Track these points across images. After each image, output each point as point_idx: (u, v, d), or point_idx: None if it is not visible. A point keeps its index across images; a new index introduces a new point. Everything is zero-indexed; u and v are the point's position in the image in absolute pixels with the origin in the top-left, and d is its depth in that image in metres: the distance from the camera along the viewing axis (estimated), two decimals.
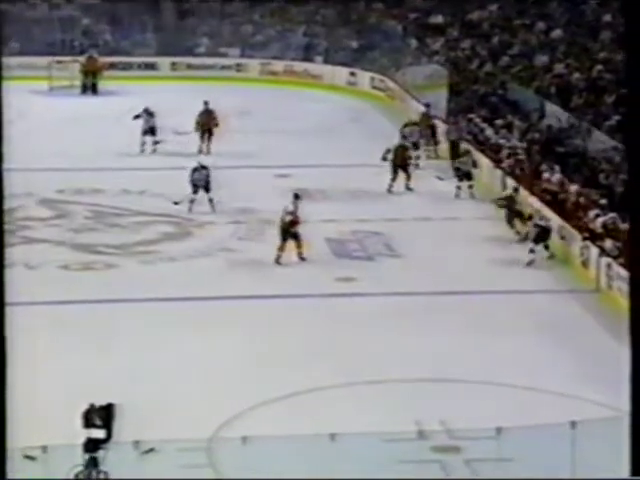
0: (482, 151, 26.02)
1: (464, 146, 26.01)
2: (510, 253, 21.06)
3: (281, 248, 20.37)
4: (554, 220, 21.16)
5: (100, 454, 13.06)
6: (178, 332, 17.44)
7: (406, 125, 26.99)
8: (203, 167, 22.88)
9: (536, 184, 23.12)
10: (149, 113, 26.81)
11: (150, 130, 26.80)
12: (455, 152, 26.33)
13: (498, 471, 13.28)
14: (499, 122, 27.69)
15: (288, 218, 20.56)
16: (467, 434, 14.08)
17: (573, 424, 12.50)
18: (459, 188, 24.17)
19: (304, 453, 14.02)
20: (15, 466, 13.07)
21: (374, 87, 35.65)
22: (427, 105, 28.87)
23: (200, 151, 26.90)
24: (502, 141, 26.32)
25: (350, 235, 22.26)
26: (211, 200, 22.87)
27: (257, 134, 29.47)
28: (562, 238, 20.74)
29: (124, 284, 19.71)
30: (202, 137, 27.27)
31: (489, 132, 27.21)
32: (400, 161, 24.65)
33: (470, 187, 24.17)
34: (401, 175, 24.60)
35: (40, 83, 34.65)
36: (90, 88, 34.89)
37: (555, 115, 27.26)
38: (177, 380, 15.85)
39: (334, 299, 19.11)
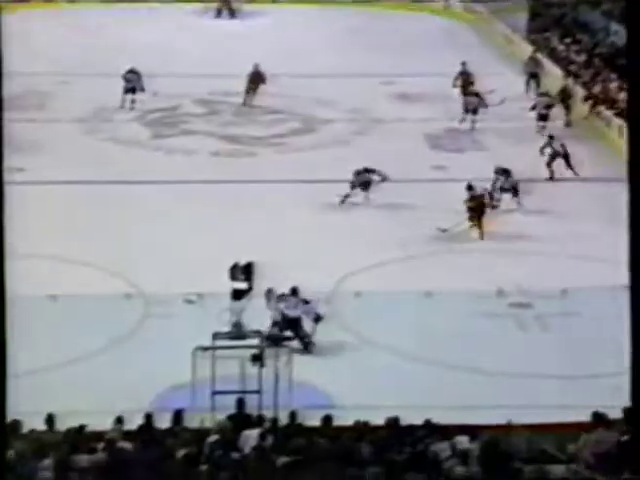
0: (556, 62, 25.34)
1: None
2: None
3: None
4: None
5: (243, 302, 13.31)
6: (305, 207, 17.49)
7: (466, 94, 22.75)
8: (367, 170, 17.92)
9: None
10: (135, 73, 23.19)
11: (132, 89, 23.10)
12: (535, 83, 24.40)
13: (562, 324, 13.20)
14: (570, 39, 26.93)
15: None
16: (538, 293, 14.00)
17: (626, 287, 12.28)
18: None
19: (405, 306, 14.11)
20: (178, 309, 13.40)
21: (466, 10, 34.83)
22: (463, 63, 24.04)
23: (244, 104, 23.52)
24: (573, 55, 25.63)
25: (444, 132, 21.94)
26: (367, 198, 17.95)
27: (366, 49, 29.02)
28: None
29: (262, 168, 19.79)
30: (247, 92, 23.65)
31: (562, 47, 26.46)
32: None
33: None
34: None
35: (196, 5, 34.55)
36: (227, 12, 34.47)
37: (618, 33, 26.37)
38: (305, 243, 15.93)
39: (430, 184, 18.91)
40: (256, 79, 23.57)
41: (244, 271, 13.46)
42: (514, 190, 17.61)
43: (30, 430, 9.37)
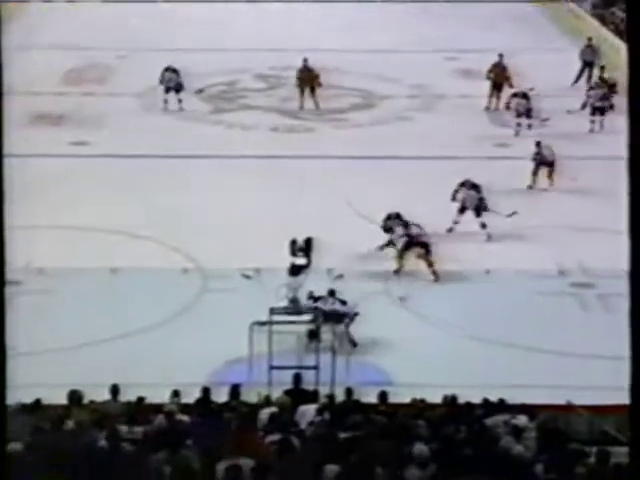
0: (621, 38, 24.87)
1: None
2: None
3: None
4: None
5: (300, 278, 13.34)
6: (364, 182, 17.43)
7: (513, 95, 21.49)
8: (398, 216, 14.80)
9: None
10: (173, 71, 21.87)
11: (175, 87, 21.74)
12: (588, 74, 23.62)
13: (626, 304, 13.04)
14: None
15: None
16: (601, 273, 13.86)
17: None
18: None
19: (462, 284, 14.06)
20: (235, 283, 13.47)
21: None
22: (500, 55, 22.77)
23: (301, 107, 21.79)
24: None
25: (506, 107, 21.71)
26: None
27: (429, 24, 28.80)
28: None
29: (321, 144, 19.78)
30: (302, 92, 21.94)
31: None
32: None
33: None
34: None
35: None
36: None
37: None
38: (363, 219, 15.86)
39: (492, 161, 18.74)
40: (306, 77, 21.87)
41: (303, 247, 13.50)
42: (477, 210, 15.28)
43: (90, 401, 9.54)
